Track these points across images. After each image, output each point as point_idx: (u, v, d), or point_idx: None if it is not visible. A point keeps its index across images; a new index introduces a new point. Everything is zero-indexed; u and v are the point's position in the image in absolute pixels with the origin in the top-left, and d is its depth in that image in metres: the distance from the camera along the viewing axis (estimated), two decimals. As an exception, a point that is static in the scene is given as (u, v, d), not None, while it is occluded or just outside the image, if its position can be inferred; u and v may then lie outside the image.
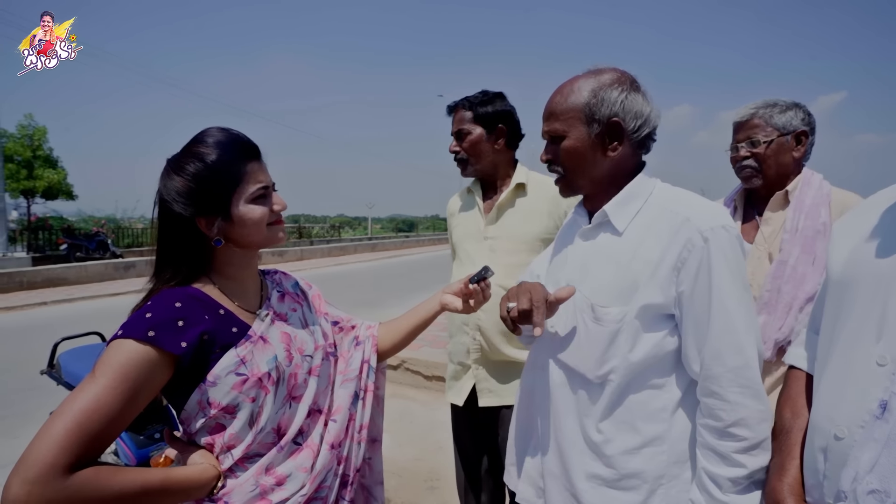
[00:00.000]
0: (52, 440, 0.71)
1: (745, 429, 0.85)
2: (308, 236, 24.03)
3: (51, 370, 2.17)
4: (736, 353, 0.85)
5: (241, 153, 0.91)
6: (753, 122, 1.46)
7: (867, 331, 0.75)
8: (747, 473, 0.86)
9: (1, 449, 3.17)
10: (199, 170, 0.88)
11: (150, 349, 0.80)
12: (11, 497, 0.68)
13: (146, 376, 0.80)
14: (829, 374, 0.81)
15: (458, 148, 1.68)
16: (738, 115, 1.51)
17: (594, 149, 0.97)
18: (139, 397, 0.80)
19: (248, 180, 0.91)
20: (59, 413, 0.74)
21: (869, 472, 0.70)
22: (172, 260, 0.91)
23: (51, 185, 14.99)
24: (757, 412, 0.86)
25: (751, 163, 1.46)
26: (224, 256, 0.95)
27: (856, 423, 0.72)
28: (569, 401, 0.99)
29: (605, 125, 0.95)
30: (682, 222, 0.89)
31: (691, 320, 0.88)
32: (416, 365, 4.16)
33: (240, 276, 0.98)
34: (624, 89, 0.95)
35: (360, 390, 1.09)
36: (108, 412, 0.76)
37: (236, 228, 0.91)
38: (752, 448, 0.85)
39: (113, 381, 0.77)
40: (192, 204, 0.88)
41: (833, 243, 0.89)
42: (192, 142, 0.92)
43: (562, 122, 0.98)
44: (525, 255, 1.60)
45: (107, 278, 10.85)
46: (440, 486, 2.65)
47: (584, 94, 0.95)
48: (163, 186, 0.90)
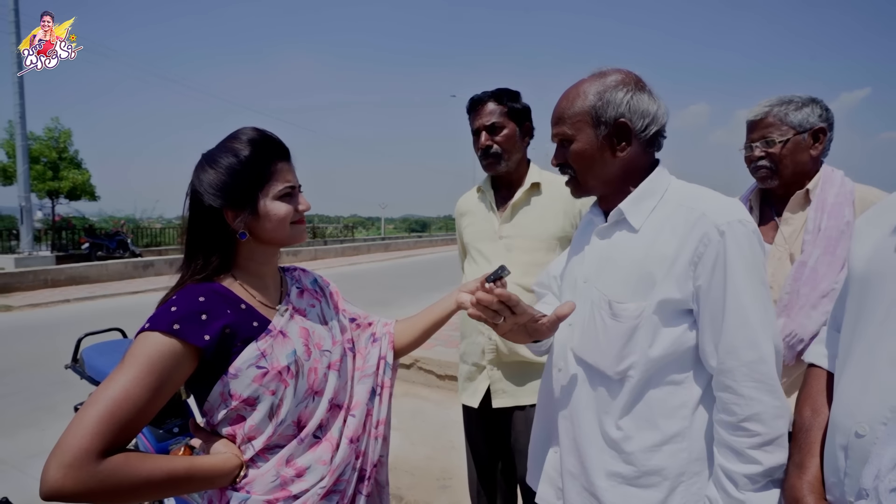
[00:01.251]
0: (86, 427, 0.75)
1: (759, 424, 0.84)
2: (322, 236, 24.25)
3: (75, 365, 2.23)
4: (750, 347, 0.85)
5: (271, 152, 0.95)
6: (768, 120, 1.41)
7: (890, 327, 0.74)
8: (763, 470, 0.85)
9: (29, 440, 3.27)
10: (232, 164, 0.92)
11: (175, 341, 0.83)
12: (50, 480, 0.72)
13: (172, 367, 0.83)
14: (850, 371, 0.80)
15: (492, 142, 1.62)
16: (751, 114, 1.46)
17: (603, 150, 0.97)
18: (165, 387, 0.83)
19: (276, 178, 0.94)
20: (92, 402, 0.77)
21: (892, 470, 0.69)
22: (200, 251, 0.94)
23: (75, 186, 15.35)
24: (772, 408, 0.85)
25: (766, 163, 1.42)
26: (247, 252, 0.98)
27: (878, 420, 0.71)
28: (588, 398, 0.99)
29: (612, 126, 0.96)
30: (699, 217, 0.89)
31: (708, 315, 0.88)
32: (429, 364, 4.17)
33: (261, 272, 1.00)
34: (629, 90, 0.96)
35: (377, 386, 1.11)
36: (136, 401, 0.79)
37: (261, 223, 0.94)
38: (766, 444, 0.85)
39: (141, 371, 0.80)
40: (221, 196, 0.92)
41: (856, 240, 0.87)
42: (227, 138, 0.96)
43: (570, 126, 0.99)
44: (541, 254, 1.60)
45: (126, 277, 11.09)
46: (452, 485, 2.66)
47: (590, 98, 0.97)
48: (196, 178, 0.94)
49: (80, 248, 13.46)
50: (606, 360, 0.95)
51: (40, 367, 4.65)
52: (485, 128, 1.63)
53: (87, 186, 15.87)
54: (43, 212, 16.36)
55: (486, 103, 1.64)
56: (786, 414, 0.86)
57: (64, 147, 15.41)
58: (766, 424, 0.84)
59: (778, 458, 0.85)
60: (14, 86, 11.20)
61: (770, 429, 0.84)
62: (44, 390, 4.12)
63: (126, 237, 14.22)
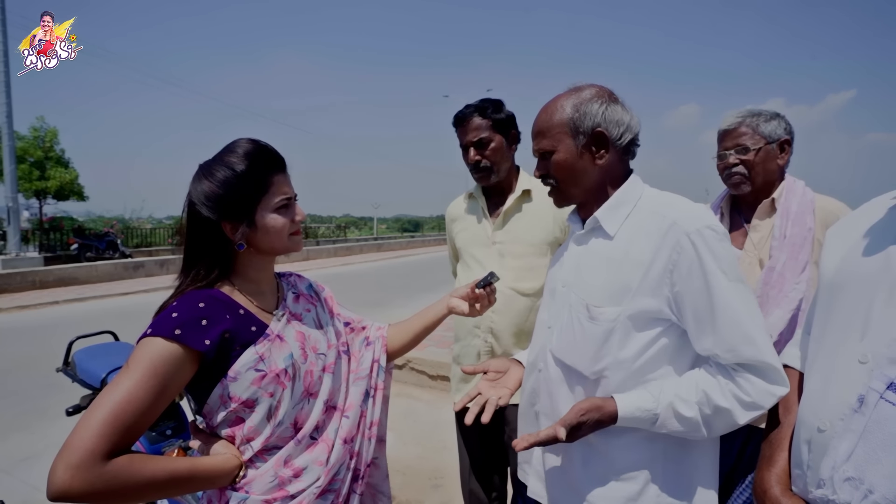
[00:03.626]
0: (92, 429, 0.77)
1: (751, 386, 0.89)
2: (314, 236, 24.15)
3: (66, 368, 2.23)
4: (748, 344, 0.89)
5: (268, 164, 0.97)
6: (741, 129, 1.48)
7: (853, 330, 0.79)
8: (720, 406, 0.89)
9: (20, 444, 3.25)
10: (228, 177, 0.93)
11: (176, 346, 0.86)
12: (58, 481, 0.74)
13: (174, 371, 0.85)
14: (815, 372, 0.86)
15: (480, 157, 1.66)
16: (725, 124, 1.53)
17: (583, 159, 1.02)
18: (168, 390, 0.85)
19: (273, 191, 0.96)
20: (97, 405, 0.80)
21: (846, 461, 0.75)
22: (199, 260, 0.97)
23: (62, 186, 15.17)
24: (765, 383, 0.89)
25: (740, 169, 1.48)
26: (245, 260, 1.00)
27: (837, 416, 0.77)
28: (568, 397, 1.03)
29: (590, 136, 1.01)
30: (670, 226, 0.93)
31: (692, 317, 0.92)
32: (422, 365, 4.20)
33: (258, 279, 1.03)
34: (603, 101, 1.01)
35: (370, 388, 1.14)
36: (140, 404, 0.81)
37: (259, 235, 0.97)
38: (746, 405, 0.89)
39: (144, 376, 0.83)
40: (219, 209, 0.93)
41: (826, 249, 0.93)
42: (223, 150, 0.98)
43: (550, 139, 1.04)
44: (533, 259, 1.64)
45: (116, 278, 11.00)
46: (444, 485, 2.69)
47: (567, 111, 1.02)
48: (193, 190, 0.96)
49: (68, 248, 13.30)
50: (583, 361, 0.99)
51: (30, 370, 4.61)
52: (472, 144, 1.66)
53: (74, 186, 15.69)
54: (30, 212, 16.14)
55: (471, 118, 1.66)
56: (776, 395, 0.90)
57: (50, 146, 15.23)
58: (756, 389, 0.89)
59: (742, 418, 0.90)
60: (1, 85, 11.06)
61: (758, 396, 0.89)
62: (34, 393, 4.10)
63: (116, 238, 14.06)
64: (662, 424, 0.92)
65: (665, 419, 0.91)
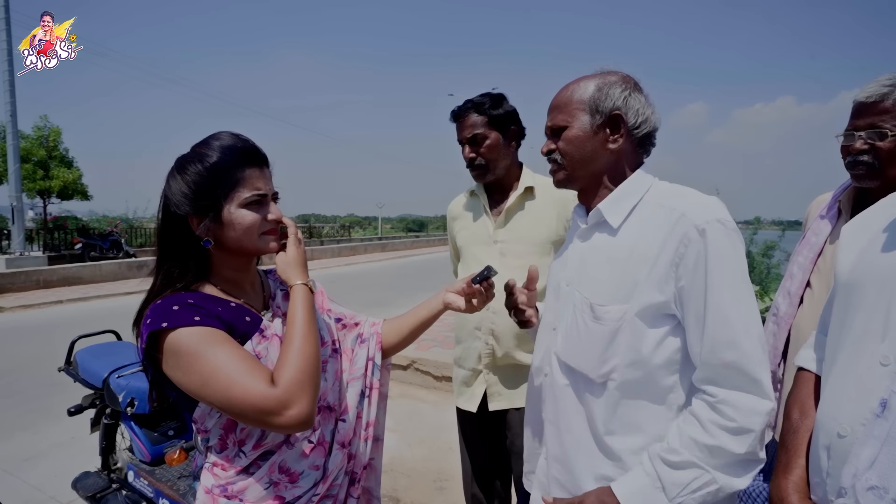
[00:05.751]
0: (259, 386, 0.81)
1: (734, 410, 0.83)
2: (318, 236, 24.15)
3: (68, 367, 2.22)
4: (730, 347, 0.84)
5: (241, 158, 0.92)
6: (885, 105, 1.12)
7: (872, 332, 0.76)
8: (713, 445, 0.83)
9: (22, 443, 3.25)
10: (198, 170, 0.91)
11: (203, 328, 0.85)
12: (291, 418, 0.81)
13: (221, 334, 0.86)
14: (834, 375, 0.82)
15: (475, 154, 1.62)
16: (863, 94, 1.17)
17: (595, 138, 0.99)
18: (230, 341, 0.86)
19: (243, 185, 0.91)
20: (217, 382, 0.81)
21: (868, 469, 0.72)
22: (169, 259, 0.93)
23: (66, 185, 15.21)
24: (751, 400, 0.84)
25: (868, 159, 1.16)
26: (219, 260, 0.96)
27: (858, 422, 0.74)
28: (574, 403, 0.99)
29: (607, 117, 0.98)
30: (679, 218, 0.89)
31: (693, 315, 0.88)
32: (426, 365, 4.18)
33: (237, 279, 0.99)
34: (627, 87, 0.99)
35: (365, 388, 1.10)
36: (237, 354, 0.84)
37: (226, 231, 0.92)
38: (733, 431, 0.83)
39: (206, 349, 0.83)
40: (186, 202, 0.90)
41: (842, 247, 0.89)
42: (199, 143, 0.95)
43: (565, 114, 1.01)
44: (535, 258, 1.60)
45: (120, 277, 11.03)
46: (449, 487, 2.67)
47: (590, 89, 0.99)
48: (166, 184, 0.93)
49: (72, 248, 13.34)
50: (589, 363, 0.95)
51: (33, 369, 4.61)
52: (467, 140, 1.63)
53: (78, 185, 15.74)
54: (35, 211, 16.21)
55: (467, 115, 1.63)
56: (762, 412, 0.84)
57: (54, 145, 15.27)
58: (740, 412, 0.83)
59: (737, 446, 0.83)
60: (5, 84, 11.10)
61: (744, 419, 0.83)
62: (37, 393, 4.10)
63: (120, 237, 14.10)
64: (669, 482, 0.85)
65: (663, 474, 0.86)
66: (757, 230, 6.81)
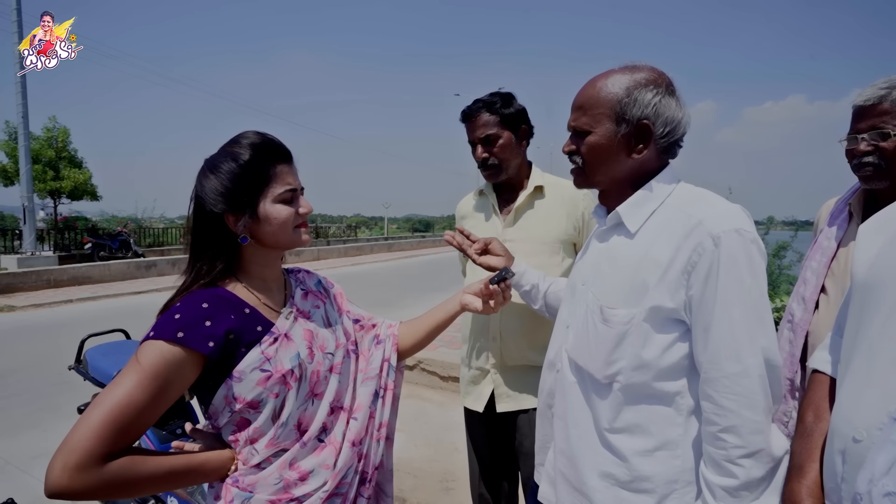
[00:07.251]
0: (90, 430, 0.76)
1: (736, 436, 0.83)
2: (325, 236, 24.24)
3: (78, 366, 2.24)
4: (733, 360, 0.83)
5: (272, 155, 0.95)
6: (883, 107, 1.15)
7: (890, 333, 0.74)
8: (738, 484, 0.83)
9: (32, 441, 3.28)
10: (232, 168, 0.92)
11: (178, 349, 0.84)
12: (55, 481, 0.73)
13: (175, 374, 0.84)
14: (850, 377, 0.80)
15: (488, 154, 1.60)
16: (861, 98, 1.20)
17: (619, 149, 0.95)
18: (168, 393, 0.84)
19: (276, 181, 0.94)
20: (96, 405, 0.79)
21: (885, 475, 0.69)
22: (204, 256, 0.95)
23: (76, 186, 15.37)
24: (750, 422, 0.83)
25: (873, 159, 1.17)
26: (250, 256, 0.98)
27: (874, 426, 0.72)
28: (582, 400, 0.99)
29: (633, 126, 0.93)
30: (695, 225, 0.87)
31: (700, 325, 0.87)
32: (433, 365, 4.18)
33: (265, 275, 1.01)
34: (659, 91, 0.92)
35: (380, 388, 1.11)
36: (139, 406, 0.80)
37: (262, 227, 0.95)
38: (743, 457, 0.83)
39: (144, 379, 0.81)
40: (222, 201, 0.92)
41: (858, 247, 0.87)
42: (228, 143, 0.97)
43: (589, 118, 0.96)
44: (545, 257, 1.59)
45: (129, 277, 11.11)
46: (455, 487, 2.66)
47: (617, 90, 0.93)
48: (198, 184, 0.95)
49: (82, 248, 13.48)
50: (595, 363, 0.95)
51: (43, 367, 4.66)
52: (479, 140, 1.62)
53: (88, 186, 15.90)
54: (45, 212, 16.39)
55: (479, 115, 1.61)
56: (765, 429, 0.84)
57: (63, 146, 15.43)
58: (742, 438, 0.82)
59: (754, 472, 0.83)
60: (17, 86, 11.23)
61: (746, 442, 0.82)
62: (47, 391, 4.14)
63: (129, 237, 14.24)
64: None
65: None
66: (769, 230, 6.76)
